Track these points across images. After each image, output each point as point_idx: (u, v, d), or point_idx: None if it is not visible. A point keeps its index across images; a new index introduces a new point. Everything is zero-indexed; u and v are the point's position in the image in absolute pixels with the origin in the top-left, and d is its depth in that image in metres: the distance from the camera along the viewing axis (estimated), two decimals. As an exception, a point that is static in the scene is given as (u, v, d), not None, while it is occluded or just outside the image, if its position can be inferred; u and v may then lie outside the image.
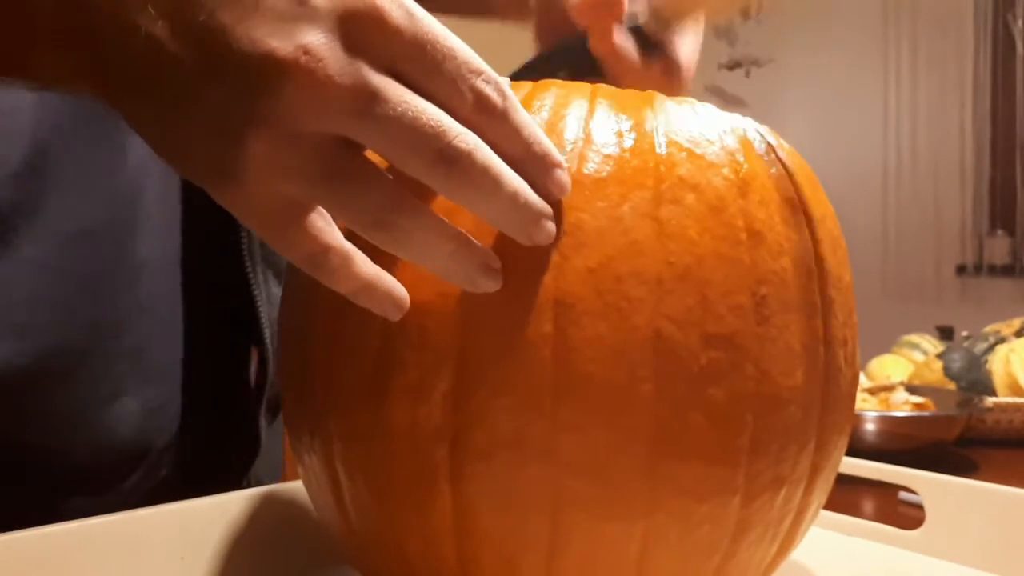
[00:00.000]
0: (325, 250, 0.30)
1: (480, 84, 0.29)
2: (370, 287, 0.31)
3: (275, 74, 0.27)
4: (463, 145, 0.28)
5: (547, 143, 0.32)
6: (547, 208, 0.31)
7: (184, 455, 0.55)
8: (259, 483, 0.58)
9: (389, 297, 0.31)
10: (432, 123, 0.28)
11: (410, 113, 0.28)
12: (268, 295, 0.55)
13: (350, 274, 0.31)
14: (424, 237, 0.30)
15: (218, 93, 0.27)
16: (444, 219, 0.30)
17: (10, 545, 0.37)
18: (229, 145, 0.27)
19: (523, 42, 0.54)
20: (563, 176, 0.32)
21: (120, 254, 0.47)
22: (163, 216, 0.50)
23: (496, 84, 0.30)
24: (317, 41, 0.27)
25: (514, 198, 0.30)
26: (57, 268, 0.45)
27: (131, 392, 0.49)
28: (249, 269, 0.53)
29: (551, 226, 0.32)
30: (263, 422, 0.58)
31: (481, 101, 0.29)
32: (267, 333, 0.55)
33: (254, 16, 0.27)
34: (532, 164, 0.31)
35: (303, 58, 0.27)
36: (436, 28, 0.29)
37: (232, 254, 0.53)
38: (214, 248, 0.53)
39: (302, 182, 0.28)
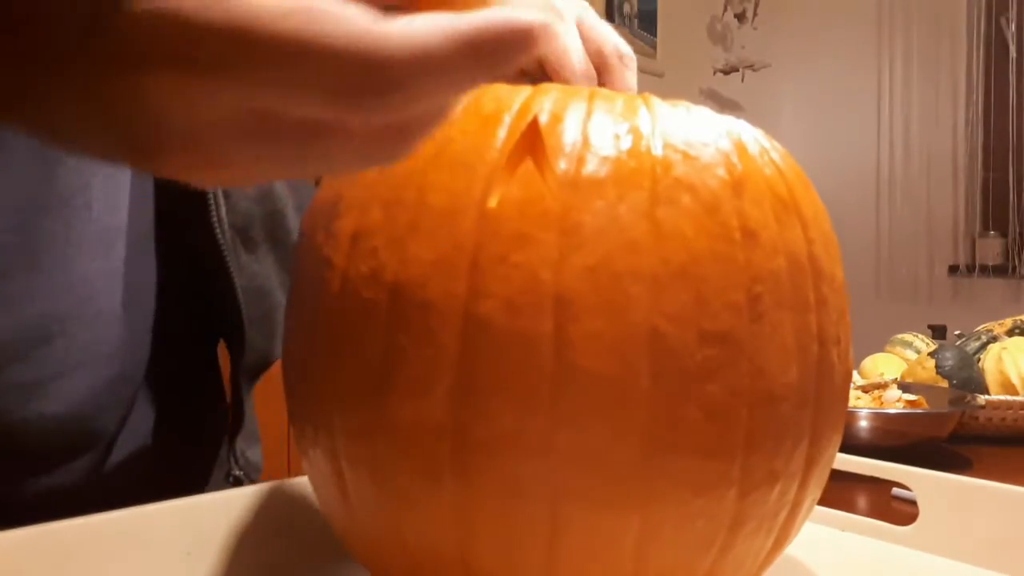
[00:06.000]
0: None
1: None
2: None
3: None
4: None
5: None
6: None
7: (160, 428, 0.55)
8: (242, 455, 0.58)
9: None
10: None
11: None
12: (239, 263, 0.55)
13: None
14: None
15: None
16: None
17: (15, 541, 0.38)
18: None
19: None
20: None
21: (84, 222, 0.47)
22: (137, 187, 0.51)
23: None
24: None
25: None
26: (13, 232, 0.44)
27: (97, 362, 0.49)
28: (219, 234, 0.53)
29: None
30: (245, 389, 0.58)
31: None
32: (241, 300, 0.54)
33: None
34: None
35: None
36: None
37: (202, 222, 0.53)
38: (186, 218, 0.54)
39: None
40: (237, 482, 0.56)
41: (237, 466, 0.58)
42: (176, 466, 0.56)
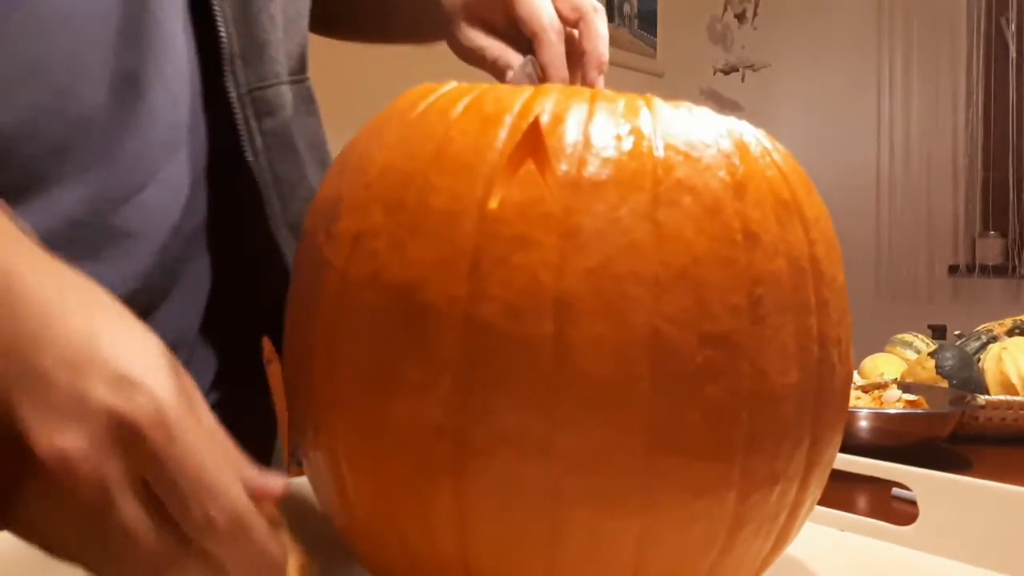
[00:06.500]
0: None
1: (212, 509, 0.30)
2: None
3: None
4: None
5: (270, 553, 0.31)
6: None
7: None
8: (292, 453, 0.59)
9: None
10: (147, 555, 0.29)
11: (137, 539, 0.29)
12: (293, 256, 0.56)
13: None
14: None
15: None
16: None
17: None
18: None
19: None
20: None
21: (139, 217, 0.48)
22: (193, 183, 0.51)
23: (231, 511, 0.30)
24: (76, 446, 0.28)
25: None
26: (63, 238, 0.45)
27: None
28: (274, 227, 0.54)
29: None
30: None
31: (208, 523, 0.29)
32: None
33: (34, 401, 0.28)
34: None
35: (57, 463, 0.28)
36: (192, 451, 0.29)
37: (258, 218, 0.54)
38: (241, 215, 0.55)
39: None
40: None
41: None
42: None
